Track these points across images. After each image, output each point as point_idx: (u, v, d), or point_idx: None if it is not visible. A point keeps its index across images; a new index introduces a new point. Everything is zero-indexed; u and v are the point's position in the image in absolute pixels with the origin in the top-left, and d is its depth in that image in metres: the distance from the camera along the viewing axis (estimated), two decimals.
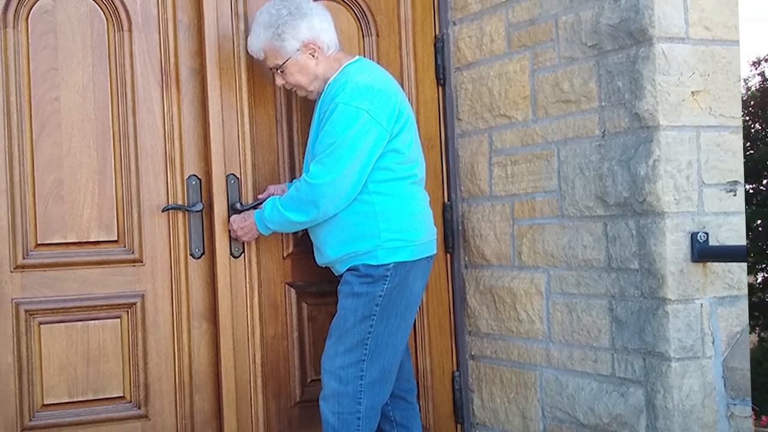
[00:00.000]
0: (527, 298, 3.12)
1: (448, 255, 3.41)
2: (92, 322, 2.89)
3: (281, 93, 3.13)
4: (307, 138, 2.94)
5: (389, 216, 2.78)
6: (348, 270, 2.81)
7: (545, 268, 3.05)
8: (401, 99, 2.83)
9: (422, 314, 3.32)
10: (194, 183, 3.01)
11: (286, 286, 3.14)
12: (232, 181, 3.01)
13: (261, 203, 2.93)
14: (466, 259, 3.40)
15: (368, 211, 2.77)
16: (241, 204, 3.00)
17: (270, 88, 3.11)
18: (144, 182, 2.96)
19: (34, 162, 2.83)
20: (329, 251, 2.84)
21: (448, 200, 3.41)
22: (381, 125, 2.72)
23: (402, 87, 2.98)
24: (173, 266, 2.99)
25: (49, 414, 2.84)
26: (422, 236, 2.84)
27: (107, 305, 2.91)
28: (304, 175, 2.77)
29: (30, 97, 2.83)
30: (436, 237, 2.96)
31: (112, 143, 2.93)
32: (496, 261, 3.26)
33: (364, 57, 3.09)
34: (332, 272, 2.93)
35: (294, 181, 2.95)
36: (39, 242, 2.83)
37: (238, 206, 2.99)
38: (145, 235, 2.96)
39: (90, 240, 2.90)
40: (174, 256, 2.99)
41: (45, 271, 2.84)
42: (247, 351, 3.04)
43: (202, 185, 3.01)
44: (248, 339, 3.05)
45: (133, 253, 2.95)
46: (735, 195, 2.73)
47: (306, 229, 2.93)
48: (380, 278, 2.75)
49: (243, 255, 3.04)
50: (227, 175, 3.00)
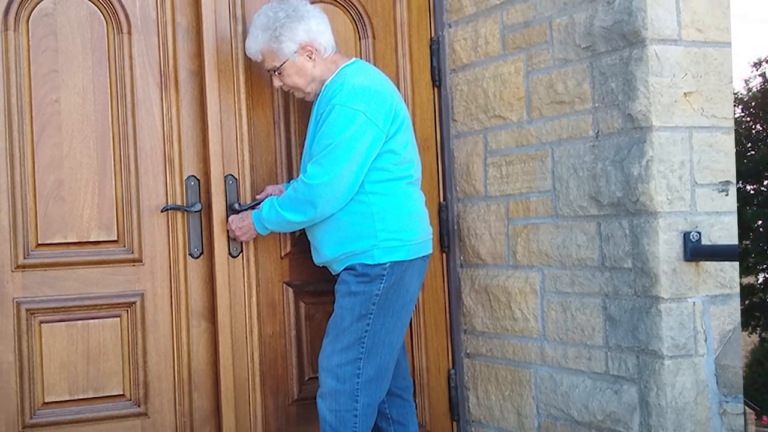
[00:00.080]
0: (522, 297, 3.14)
1: (444, 254, 3.43)
2: (92, 321, 2.91)
3: (279, 94, 3.15)
4: (305, 139, 2.96)
5: (386, 216, 2.79)
6: (345, 269, 2.82)
7: (540, 268, 3.07)
8: (397, 100, 2.84)
9: (418, 313, 3.34)
10: (193, 183, 3.03)
11: (284, 286, 3.16)
12: (231, 182, 3.03)
13: (259, 203, 2.95)
14: (462, 259, 3.42)
15: (365, 211, 2.79)
16: (240, 204, 3.02)
17: (268, 90, 3.13)
18: (143, 183, 2.98)
19: (35, 163, 2.84)
20: (326, 251, 2.86)
21: (444, 200, 3.43)
22: (377, 126, 2.73)
23: (398, 88, 2.99)
24: (172, 266, 3.01)
25: (50, 412, 2.85)
26: (418, 236, 2.86)
27: (107, 304, 2.93)
28: (302, 176, 2.78)
29: (31, 99, 2.84)
30: (432, 236, 2.97)
31: (112, 144, 2.95)
32: (491, 260, 3.28)
33: (361, 59, 3.11)
34: (329, 272, 2.95)
35: (291, 182, 2.96)
36: (40, 242, 2.85)
37: (237, 206, 3.00)
38: (145, 235, 2.98)
39: (90, 240, 2.91)
40: (173, 256, 3.01)
41: (46, 271, 2.86)
42: (246, 349, 3.06)
43: (201, 186, 3.03)
44: (246, 338, 3.07)
45: (133, 253, 2.97)
46: (727, 195, 2.74)
47: (303, 229, 2.95)
48: (377, 277, 2.77)
49: (241, 255, 3.06)
50: (225, 176, 3.02)
